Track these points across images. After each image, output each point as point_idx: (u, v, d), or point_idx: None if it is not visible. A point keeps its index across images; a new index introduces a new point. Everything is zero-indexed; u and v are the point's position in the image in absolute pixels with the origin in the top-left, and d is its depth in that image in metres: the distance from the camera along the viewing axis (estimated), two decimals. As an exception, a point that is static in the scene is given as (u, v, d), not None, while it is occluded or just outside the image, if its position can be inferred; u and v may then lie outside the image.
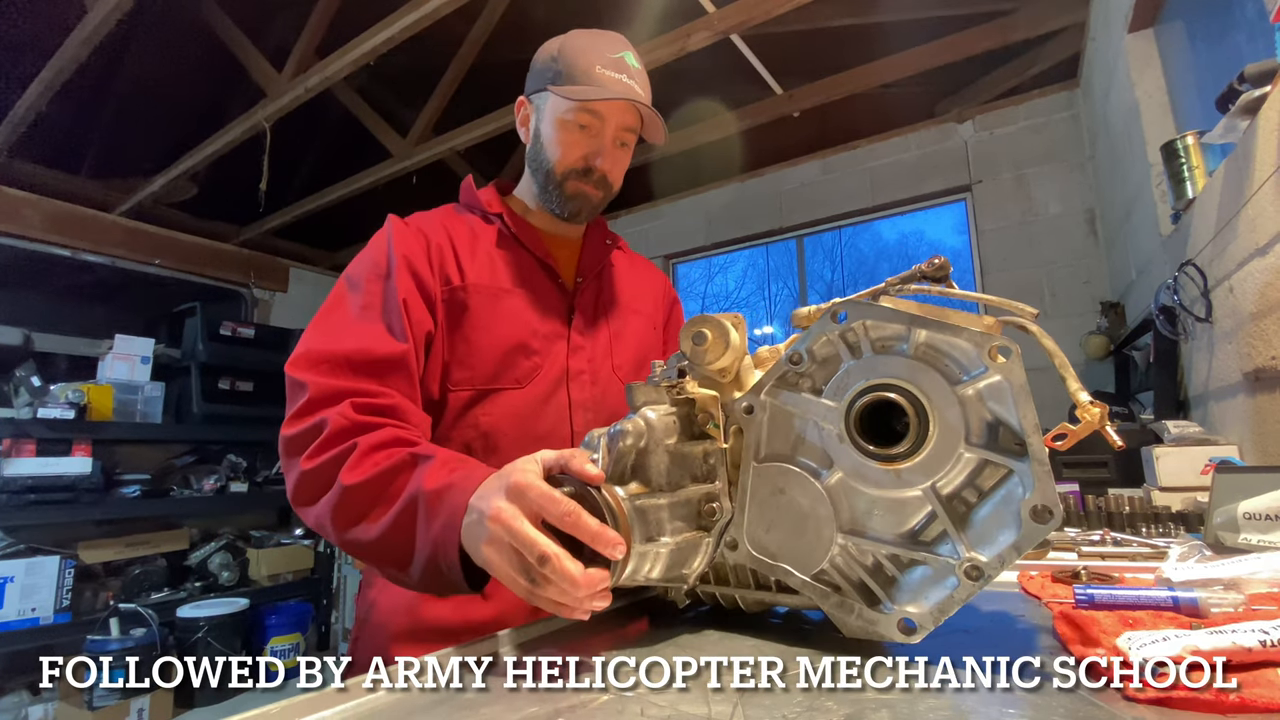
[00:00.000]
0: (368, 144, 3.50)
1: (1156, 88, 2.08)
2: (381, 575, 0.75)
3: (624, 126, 0.91)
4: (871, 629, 0.51)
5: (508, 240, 0.94)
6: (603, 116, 0.88)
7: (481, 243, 0.92)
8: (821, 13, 2.71)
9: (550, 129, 0.91)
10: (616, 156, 0.93)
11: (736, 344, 0.61)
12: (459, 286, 0.87)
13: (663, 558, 0.54)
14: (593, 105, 0.87)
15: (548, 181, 0.93)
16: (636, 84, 0.89)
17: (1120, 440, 0.50)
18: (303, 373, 0.75)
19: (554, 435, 0.88)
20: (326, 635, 3.98)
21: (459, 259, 0.88)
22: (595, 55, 0.88)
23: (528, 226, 0.96)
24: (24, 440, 2.90)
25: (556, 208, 0.94)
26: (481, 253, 0.91)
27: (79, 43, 2.58)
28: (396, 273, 0.82)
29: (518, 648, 0.59)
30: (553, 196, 0.93)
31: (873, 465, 0.51)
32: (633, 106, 0.88)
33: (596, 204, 0.95)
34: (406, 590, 0.75)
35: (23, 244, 3.58)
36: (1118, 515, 1.10)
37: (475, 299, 0.87)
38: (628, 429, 0.55)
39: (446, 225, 0.92)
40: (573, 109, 0.88)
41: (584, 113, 0.88)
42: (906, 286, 0.58)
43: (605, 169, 0.91)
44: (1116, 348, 2.60)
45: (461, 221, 0.94)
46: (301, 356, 0.76)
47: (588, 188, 0.92)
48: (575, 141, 0.90)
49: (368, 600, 0.87)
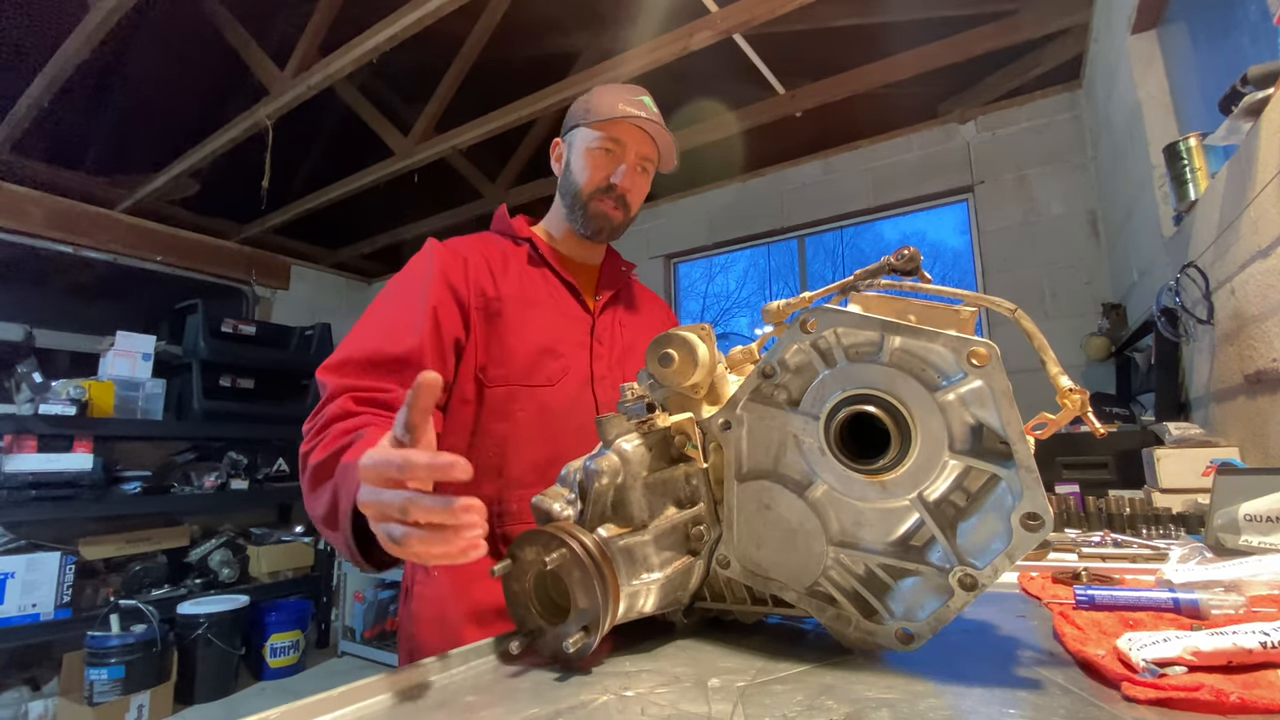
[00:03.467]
0: (369, 142, 3.50)
1: (1159, 89, 2.08)
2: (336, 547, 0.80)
3: (643, 155, 1.03)
4: (870, 640, 0.51)
5: (536, 261, 1.05)
6: (624, 144, 1.01)
7: (513, 262, 1.03)
8: (824, 12, 2.71)
9: (579, 158, 1.04)
10: (636, 180, 1.04)
11: (705, 359, 0.60)
12: (494, 298, 0.96)
13: (655, 591, 0.53)
14: (615, 133, 1.00)
15: (575, 203, 1.04)
16: (656, 123, 1.02)
17: (1101, 427, 0.49)
18: (323, 375, 0.82)
19: (583, 432, 0.94)
20: (326, 633, 3.99)
21: (494, 275, 0.98)
22: (619, 98, 1.02)
23: (553, 251, 1.07)
24: (25, 436, 2.91)
25: (581, 226, 1.05)
26: (514, 270, 1.01)
27: (81, 39, 2.58)
28: (431, 285, 0.92)
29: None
30: (579, 216, 1.05)
31: (857, 478, 0.50)
32: (650, 139, 1.02)
33: (617, 224, 1.05)
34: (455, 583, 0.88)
35: (25, 240, 3.59)
36: (1118, 517, 1.10)
37: (509, 308, 0.96)
38: (602, 468, 0.53)
39: (482, 246, 1.02)
40: (599, 137, 1.01)
41: (609, 139, 1.01)
42: (875, 281, 0.56)
43: (625, 188, 1.02)
44: (1118, 349, 2.59)
45: (495, 244, 1.04)
46: (327, 362, 0.84)
47: (609, 207, 1.03)
48: (600, 164, 1.02)
49: (413, 599, 0.94)
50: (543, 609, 0.53)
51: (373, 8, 2.57)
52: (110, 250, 3.91)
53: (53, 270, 3.78)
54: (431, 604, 0.91)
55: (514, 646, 0.51)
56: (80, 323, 3.88)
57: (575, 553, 0.49)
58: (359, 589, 3.97)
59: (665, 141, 1.03)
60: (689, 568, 0.56)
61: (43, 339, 3.64)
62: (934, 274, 0.57)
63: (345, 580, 4.02)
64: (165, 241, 4.15)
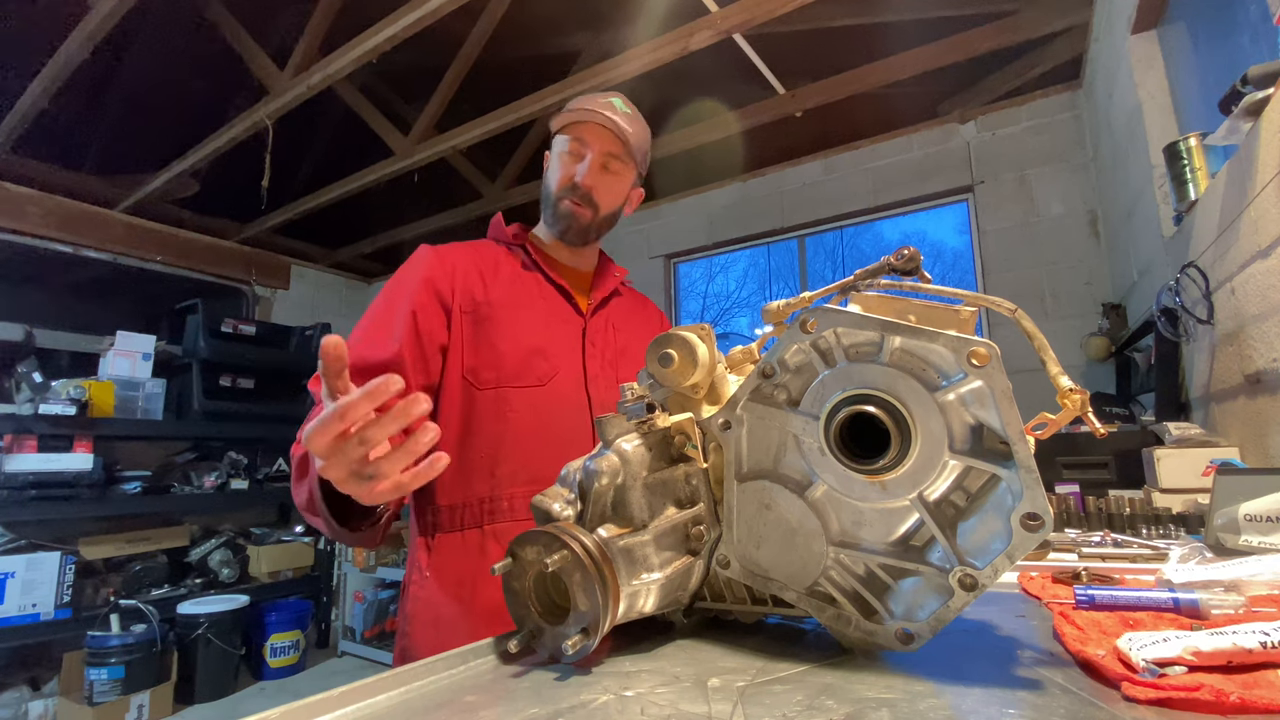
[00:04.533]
0: (370, 142, 3.50)
1: (1159, 89, 2.08)
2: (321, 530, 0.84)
3: (606, 151, 1.04)
4: (870, 640, 0.51)
5: (529, 266, 1.07)
6: (587, 143, 1.03)
7: (506, 268, 1.05)
8: (824, 12, 2.71)
9: (552, 162, 1.08)
10: (600, 177, 1.05)
11: (705, 359, 0.60)
12: (483, 302, 0.98)
13: (655, 591, 0.53)
14: (579, 134, 1.03)
15: (547, 204, 1.08)
16: (619, 118, 1.02)
17: (1101, 427, 0.49)
18: (313, 385, 0.85)
19: (577, 433, 0.97)
20: (326, 632, 3.99)
21: (484, 280, 1.01)
22: (588, 102, 1.04)
23: (545, 255, 1.10)
24: (25, 436, 2.91)
25: (553, 226, 1.08)
26: (505, 275, 1.04)
27: (82, 39, 2.59)
28: (414, 292, 0.94)
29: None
30: (550, 217, 1.08)
31: (857, 478, 0.50)
32: (613, 136, 1.02)
33: (586, 224, 1.06)
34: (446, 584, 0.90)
35: (25, 240, 3.59)
36: (1118, 517, 1.10)
37: (499, 312, 0.98)
38: (602, 468, 0.53)
39: (474, 253, 1.05)
40: (565, 140, 1.04)
41: (573, 141, 1.03)
42: (875, 281, 0.56)
43: (589, 185, 1.03)
44: (1118, 349, 2.59)
45: (489, 250, 1.07)
46: (316, 373, 0.85)
47: (574, 205, 1.04)
48: (565, 165, 1.05)
49: (409, 599, 0.95)
50: (542, 608, 0.53)
51: (373, 8, 2.57)
52: (110, 250, 3.91)
53: (53, 270, 3.78)
54: (426, 605, 0.91)
55: (513, 646, 0.51)
56: (80, 323, 3.88)
57: (576, 554, 0.49)
58: (359, 589, 3.97)
59: (636, 135, 1.05)
60: (689, 568, 0.56)
61: (43, 339, 3.64)
62: (934, 274, 0.57)
63: (345, 580, 4.02)
64: (165, 241, 4.15)
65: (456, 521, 0.93)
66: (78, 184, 3.71)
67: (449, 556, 0.92)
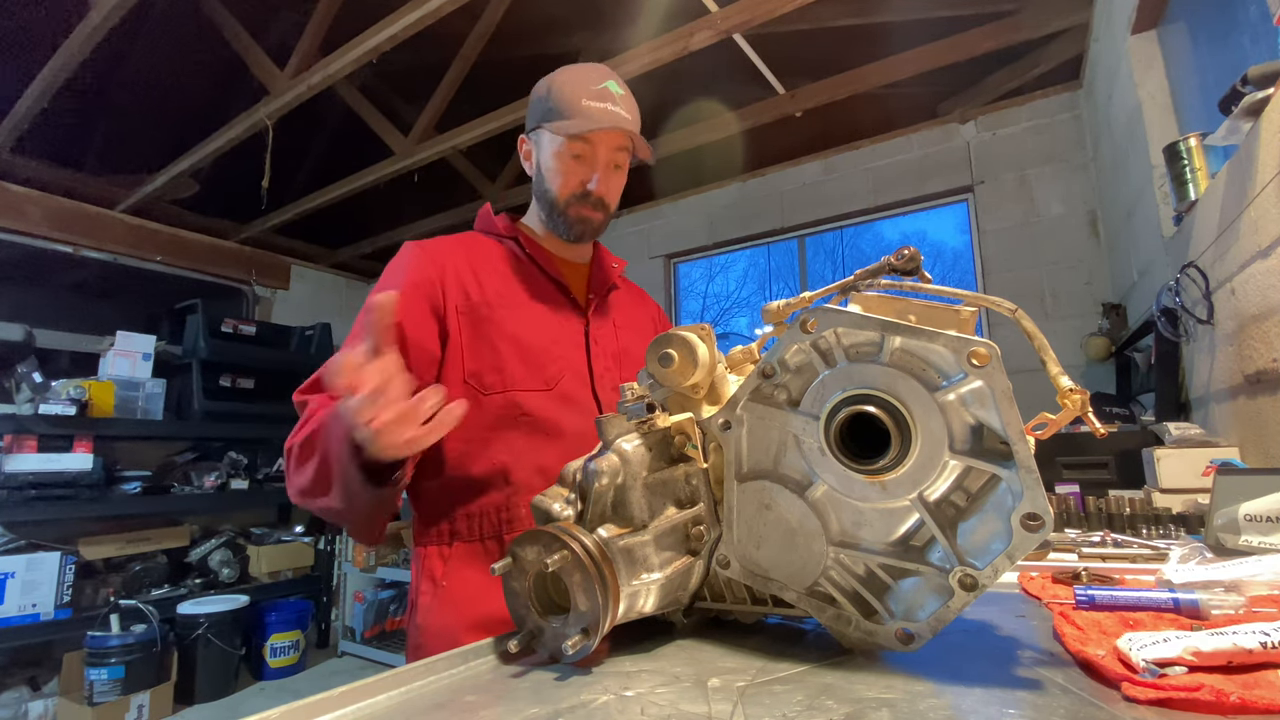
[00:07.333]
0: (370, 142, 3.50)
1: (1159, 89, 2.08)
2: (325, 518, 0.83)
3: (614, 149, 0.98)
4: (870, 640, 0.51)
5: (523, 261, 1.02)
6: (593, 144, 0.96)
7: (500, 262, 1.00)
8: (824, 12, 2.71)
9: (549, 162, 0.99)
10: (610, 179, 1.00)
11: (705, 359, 0.60)
12: (479, 301, 0.94)
13: (655, 591, 0.53)
14: (584, 134, 0.94)
15: (553, 210, 1.01)
16: (622, 109, 0.96)
17: (1101, 427, 0.48)
18: (299, 396, 0.85)
19: (589, 433, 0.92)
20: (326, 633, 3.99)
21: (478, 277, 0.96)
22: (581, 89, 0.95)
23: (541, 249, 1.04)
24: (25, 436, 2.91)
25: (563, 232, 1.02)
26: (499, 271, 0.99)
27: (82, 39, 2.59)
28: (400, 296, 0.90)
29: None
30: (559, 222, 1.02)
31: (857, 478, 0.50)
32: (621, 132, 0.96)
33: (598, 225, 1.03)
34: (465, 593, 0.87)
35: (25, 240, 3.59)
36: (1118, 517, 1.10)
37: (497, 312, 0.94)
38: (602, 468, 0.53)
39: (464, 247, 0.99)
40: (566, 142, 0.96)
41: (576, 142, 0.96)
42: (875, 281, 0.56)
43: (601, 192, 0.99)
44: (1118, 349, 2.59)
45: (479, 244, 1.02)
46: (303, 384, 0.87)
47: (587, 211, 1.00)
48: (572, 170, 0.98)
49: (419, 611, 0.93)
50: (542, 608, 0.53)
51: (373, 8, 2.57)
52: (110, 250, 3.91)
53: (53, 270, 3.78)
54: (437, 615, 0.90)
55: (513, 646, 0.51)
56: (80, 323, 3.88)
57: (576, 554, 0.49)
58: (359, 589, 3.97)
59: (636, 120, 0.99)
60: (689, 568, 0.56)
61: (43, 339, 3.63)
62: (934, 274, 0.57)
63: (345, 580, 4.02)
64: (165, 241, 4.15)
65: (475, 531, 0.91)
66: (78, 184, 3.71)
67: (468, 566, 0.90)
